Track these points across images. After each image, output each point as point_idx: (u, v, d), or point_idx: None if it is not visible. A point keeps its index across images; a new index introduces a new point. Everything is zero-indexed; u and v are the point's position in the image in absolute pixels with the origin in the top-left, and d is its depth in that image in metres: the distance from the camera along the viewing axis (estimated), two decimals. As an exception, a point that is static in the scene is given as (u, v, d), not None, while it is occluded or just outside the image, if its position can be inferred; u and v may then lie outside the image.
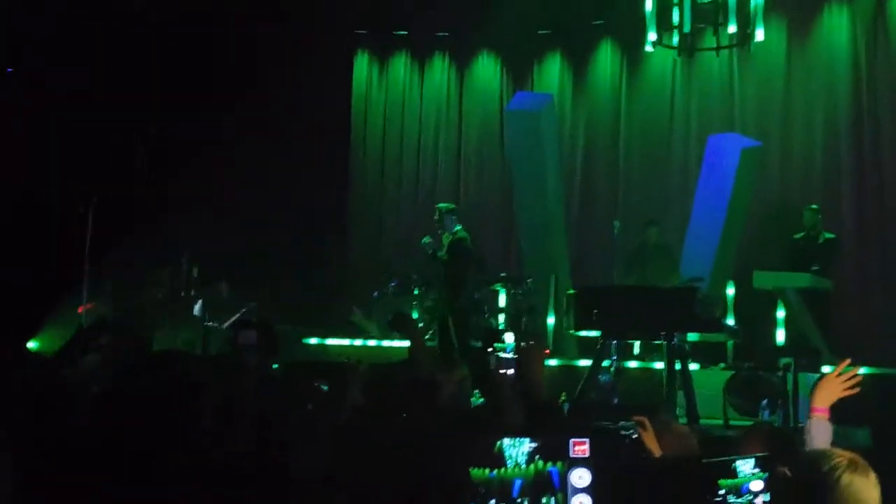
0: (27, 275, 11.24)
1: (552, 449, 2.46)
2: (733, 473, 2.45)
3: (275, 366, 8.38)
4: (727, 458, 2.51)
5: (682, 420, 8.05)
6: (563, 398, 8.88)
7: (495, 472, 2.47)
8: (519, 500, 2.47)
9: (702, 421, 8.65)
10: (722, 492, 2.42)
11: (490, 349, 5.46)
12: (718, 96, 13.40)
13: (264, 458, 2.67)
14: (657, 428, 4.03)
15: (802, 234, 11.31)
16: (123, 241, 11.62)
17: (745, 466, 2.46)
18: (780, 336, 10.93)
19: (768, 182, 12.87)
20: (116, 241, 11.69)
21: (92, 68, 12.03)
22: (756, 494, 2.43)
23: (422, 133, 14.50)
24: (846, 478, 2.53)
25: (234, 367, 4.10)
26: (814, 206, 11.42)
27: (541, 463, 2.46)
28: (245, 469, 2.53)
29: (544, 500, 2.45)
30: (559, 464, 2.44)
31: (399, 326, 5.64)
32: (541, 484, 2.45)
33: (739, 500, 2.44)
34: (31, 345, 11.43)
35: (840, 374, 3.50)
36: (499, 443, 2.49)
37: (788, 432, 4.03)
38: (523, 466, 2.47)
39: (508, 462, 2.48)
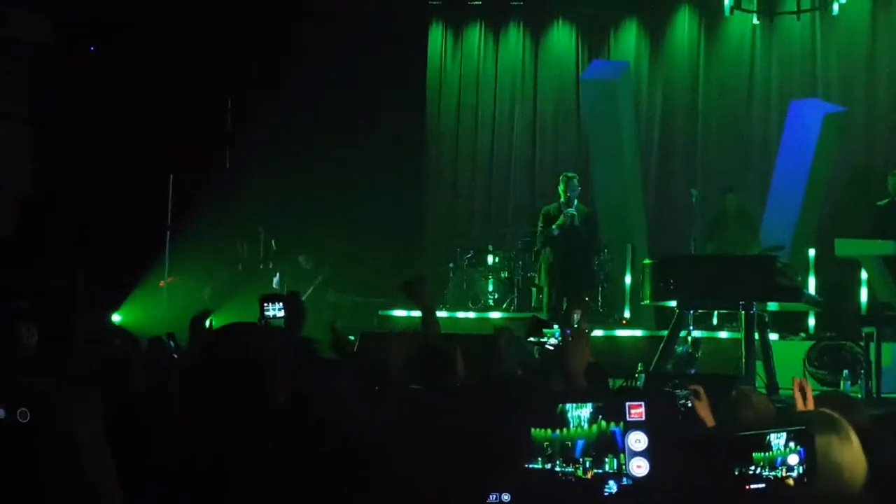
0: (112, 247, 11.49)
1: (614, 410, 2.45)
2: (767, 447, 2.41)
3: (351, 337, 8.49)
4: (762, 430, 2.47)
5: (762, 392, 7.93)
6: (639, 369, 8.82)
7: (557, 432, 2.48)
8: (581, 460, 2.47)
9: (782, 392, 8.51)
10: (754, 466, 2.40)
11: (533, 338, 5.22)
12: (800, 61, 13.13)
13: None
14: (736, 398, 3.96)
15: (887, 200, 11.03)
16: (203, 213, 11.82)
17: (780, 440, 2.43)
18: (863, 303, 10.69)
19: (852, 147, 12.59)
20: (197, 213, 11.90)
21: (178, 36, 12.23)
22: (791, 468, 2.39)
23: (497, 103, 14.40)
24: (819, 440, 2.50)
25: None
26: (898, 171, 11.13)
27: (603, 423, 2.45)
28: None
29: (607, 459, 2.45)
30: (622, 424, 2.44)
31: (412, 293, 5.01)
32: (604, 443, 2.44)
33: (772, 473, 2.41)
34: (116, 318, 11.72)
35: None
36: (561, 405, 2.50)
37: (858, 402, 3.89)
38: (585, 427, 2.47)
39: (571, 422, 2.48)
